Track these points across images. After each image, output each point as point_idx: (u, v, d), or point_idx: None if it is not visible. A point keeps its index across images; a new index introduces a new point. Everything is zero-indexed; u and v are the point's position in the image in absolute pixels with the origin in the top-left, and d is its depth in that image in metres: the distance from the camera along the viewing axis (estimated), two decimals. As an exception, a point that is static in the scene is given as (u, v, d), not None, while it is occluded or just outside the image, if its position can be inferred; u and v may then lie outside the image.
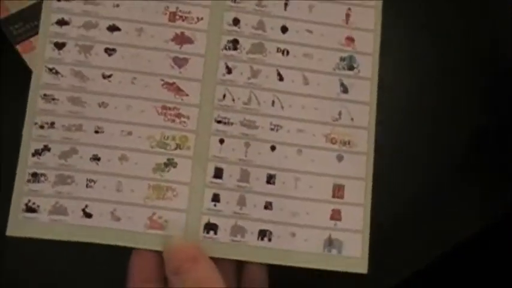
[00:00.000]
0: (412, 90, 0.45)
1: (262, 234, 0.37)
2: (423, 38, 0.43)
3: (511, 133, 0.46)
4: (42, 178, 0.37)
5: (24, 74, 0.45)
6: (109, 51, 0.38)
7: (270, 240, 0.37)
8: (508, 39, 0.46)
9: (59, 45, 0.38)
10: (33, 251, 0.39)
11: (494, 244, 0.55)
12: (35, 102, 0.38)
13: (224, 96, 0.38)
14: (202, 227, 0.37)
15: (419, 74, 0.44)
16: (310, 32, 0.39)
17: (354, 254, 0.37)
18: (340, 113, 0.39)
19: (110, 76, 0.38)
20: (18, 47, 0.40)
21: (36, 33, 0.46)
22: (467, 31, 0.44)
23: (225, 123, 0.38)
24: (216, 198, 0.37)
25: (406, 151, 0.44)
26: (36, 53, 0.38)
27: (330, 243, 0.37)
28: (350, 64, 0.39)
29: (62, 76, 0.38)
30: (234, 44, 0.39)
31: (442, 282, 0.56)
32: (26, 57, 0.45)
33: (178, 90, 0.38)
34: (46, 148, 0.37)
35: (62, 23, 0.39)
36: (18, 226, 0.37)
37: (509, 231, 0.51)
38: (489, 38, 0.45)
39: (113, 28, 0.38)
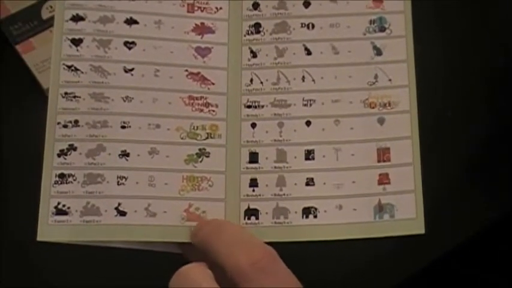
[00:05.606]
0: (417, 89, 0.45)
1: (307, 212, 0.36)
2: (430, 38, 0.43)
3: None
4: (70, 179, 0.36)
5: (24, 74, 0.43)
6: (128, 45, 0.37)
7: (315, 217, 0.36)
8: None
9: (76, 42, 0.37)
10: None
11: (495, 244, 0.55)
12: (55, 102, 0.36)
13: (251, 80, 0.38)
14: (242, 214, 0.36)
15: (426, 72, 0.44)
16: (334, 1, 0.39)
17: (408, 216, 0.36)
18: (376, 76, 0.38)
19: (132, 70, 0.37)
20: (18, 47, 0.38)
21: (36, 33, 0.45)
22: (475, 31, 0.45)
23: (255, 107, 0.37)
24: (253, 183, 0.36)
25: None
26: (53, 51, 0.37)
27: (380, 208, 0.36)
28: (381, 25, 0.38)
29: (82, 73, 0.37)
30: (257, 27, 0.39)
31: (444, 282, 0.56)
32: (26, 57, 0.44)
33: (204, 79, 0.38)
34: (72, 147, 0.36)
35: (77, 19, 0.37)
36: (50, 230, 0.35)
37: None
38: (498, 39, 0.46)
39: (130, 21, 0.38)
